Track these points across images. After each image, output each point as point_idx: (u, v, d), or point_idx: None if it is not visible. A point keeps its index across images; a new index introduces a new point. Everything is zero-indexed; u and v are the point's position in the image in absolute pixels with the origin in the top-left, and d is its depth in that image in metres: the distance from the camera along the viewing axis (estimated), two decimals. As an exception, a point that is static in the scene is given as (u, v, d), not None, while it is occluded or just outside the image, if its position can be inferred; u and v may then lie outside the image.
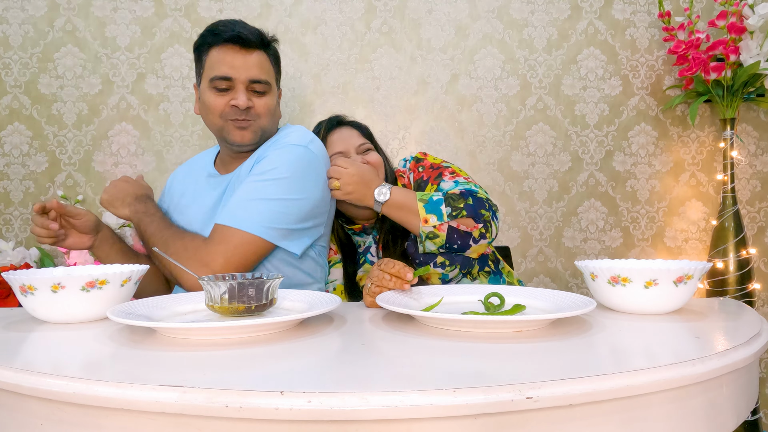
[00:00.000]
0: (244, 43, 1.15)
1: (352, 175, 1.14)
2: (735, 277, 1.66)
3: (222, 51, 1.15)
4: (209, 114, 1.18)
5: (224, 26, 1.17)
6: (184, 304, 0.87)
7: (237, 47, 1.15)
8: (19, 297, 0.81)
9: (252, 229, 1.06)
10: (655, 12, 1.81)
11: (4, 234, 1.76)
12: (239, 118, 1.16)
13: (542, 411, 0.50)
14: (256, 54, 1.17)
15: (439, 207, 1.09)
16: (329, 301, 0.83)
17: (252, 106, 1.16)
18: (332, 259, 1.32)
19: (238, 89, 1.15)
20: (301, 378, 0.54)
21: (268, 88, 1.19)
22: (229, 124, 1.16)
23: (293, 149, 1.14)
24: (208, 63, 1.17)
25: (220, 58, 1.15)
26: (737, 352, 0.62)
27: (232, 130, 1.17)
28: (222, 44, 1.15)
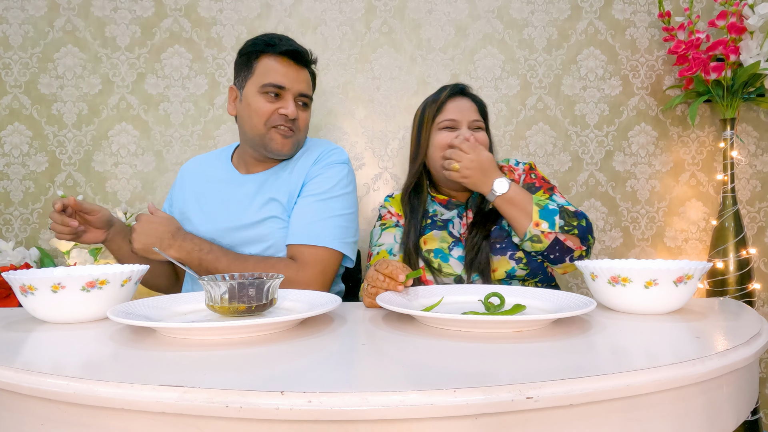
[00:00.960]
0: (299, 58, 1.23)
1: (472, 160, 1.20)
2: (735, 277, 1.66)
3: (277, 61, 1.21)
4: (254, 118, 1.22)
5: (279, 40, 1.22)
6: (184, 304, 0.87)
7: (291, 61, 1.22)
8: (19, 297, 0.81)
9: (334, 245, 1.17)
10: (655, 12, 1.81)
11: (4, 234, 1.76)
12: (286, 126, 1.21)
13: (542, 411, 0.50)
14: (305, 71, 1.25)
15: (553, 216, 1.14)
16: (329, 301, 0.83)
17: (297, 117, 1.23)
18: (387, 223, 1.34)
19: (288, 99, 1.21)
20: (301, 378, 0.54)
21: (310, 103, 1.28)
22: (273, 131, 1.22)
23: (342, 167, 1.26)
24: (259, 69, 1.21)
25: (275, 68, 1.21)
26: (737, 352, 0.62)
27: (275, 137, 1.22)
28: (278, 55, 1.21)
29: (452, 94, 1.35)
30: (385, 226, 1.34)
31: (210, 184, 1.31)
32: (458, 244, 1.25)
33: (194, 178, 1.35)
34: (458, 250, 1.24)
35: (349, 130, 1.80)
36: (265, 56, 1.22)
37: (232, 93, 1.28)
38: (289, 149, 1.24)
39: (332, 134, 1.79)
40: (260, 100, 1.21)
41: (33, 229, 1.76)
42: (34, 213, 1.76)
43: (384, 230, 1.32)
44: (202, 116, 1.78)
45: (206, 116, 1.78)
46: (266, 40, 1.22)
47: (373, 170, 1.81)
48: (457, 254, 1.23)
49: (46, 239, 1.77)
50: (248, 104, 1.22)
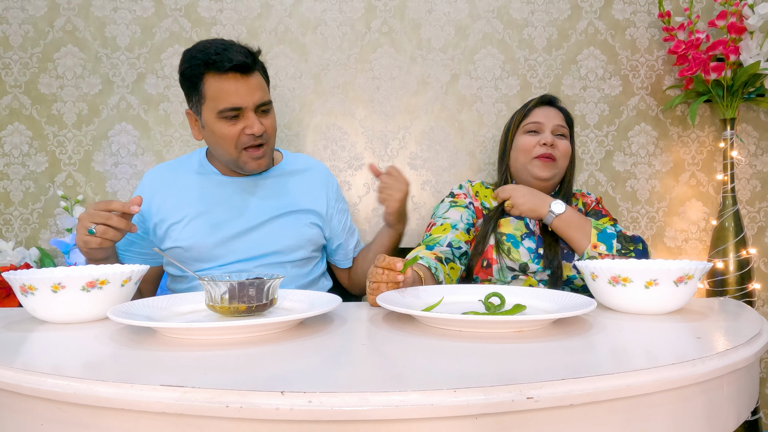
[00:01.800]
0: (244, 69, 1.15)
1: (524, 194, 1.30)
2: (735, 277, 1.66)
3: (223, 81, 1.14)
4: (224, 144, 1.19)
5: (217, 54, 1.13)
6: (184, 304, 0.87)
7: (237, 75, 1.14)
8: (19, 297, 0.81)
9: None
10: (655, 12, 1.81)
11: (4, 234, 1.76)
12: (255, 144, 1.20)
13: (542, 411, 0.50)
14: (254, 76, 1.17)
15: (611, 240, 1.21)
16: (329, 302, 0.83)
17: (264, 130, 1.20)
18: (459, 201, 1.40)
19: (250, 117, 1.17)
20: (301, 378, 0.54)
21: (271, 105, 1.24)
22: (244, 154, 1.21)
23: None
24: (209, 93, 1.15)
25: (224, 89, 1.14)
26: (737, 352, 0.62)
27: (248, 160, 1.22)
28: (223, 74, 1.13)
29: (541, 103, 1.44)
30: (455, 203, 1.39)
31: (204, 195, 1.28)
32: (530, 237, 1.30)
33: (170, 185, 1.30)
34: (529, 242, 1.29)
35: (349, 130, 1.80)
36: (209, 76, 1.14)
37: (191, 118, 1.24)
38: (265, 164, 1.26)
39: (332, 134, 1.79)
40: (222, 126, 1.16)
41: (33, 229, 1.76)
42: (34, 213, 1.76)
43: (453, 207, 1.38)
44: (202, 116, 1.78)
45: (206, 116, 1.78)
46: (205, 58, 1.13)
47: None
48: (527, 245, 1.28)
49: (46, 239, 1.77)
50: (212, 132, 1.18)
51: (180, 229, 1.25)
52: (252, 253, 1.25)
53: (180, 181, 1.31)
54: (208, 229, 1.24)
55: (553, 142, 1.37)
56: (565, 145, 1.39)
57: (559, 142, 1.38)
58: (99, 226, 1.01)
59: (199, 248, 1.24)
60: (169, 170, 1.34)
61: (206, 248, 1.24)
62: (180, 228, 1.25)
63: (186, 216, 1.25)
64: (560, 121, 1.41)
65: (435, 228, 1.32)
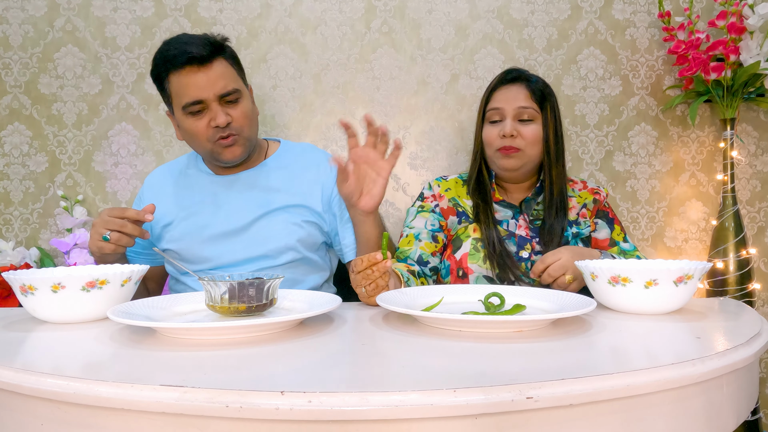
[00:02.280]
0: (200, 60, 1.12)
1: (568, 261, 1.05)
2: (735, 277, 1.66)
3: (181, 76, 1.12)
4: (195, 140, 1.18)
5: (175, 48, 1.13)
6: (184, 304, 0.87)
7: (195, 67, 1.11)
8: (19, 297, 0.81)
9: None
10: (655, 12, 1.81)
11: (4, 234, 1.76)
12: (224, 135, 1.15)
13: (542, 411, 0.50)
14: (215, 65, 1.14)
15: None
16: (329, 301, 0.83)
17: (231, 120, 1.15)
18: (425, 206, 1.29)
19: (213, 108, 1.14)
20: (301, 378, 0.54)
21: (239, 94, 1.18)
22: (217, 145, 1.17)
23: None
24: (173, 91, 1.15)
25: (184, 83, 1.12)
26: (737, 352, 0.62)
27: (221, 151, 1.18)
28: (180, 68, 1.12)
29: (501, 82, 1.26)
30: (422, 208, 1.29)
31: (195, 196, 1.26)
32: (511, 239, 1.22)
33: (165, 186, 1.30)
34: (509, 245, 1.22)
35: (349, 130, 1.80)
36: (171, 74, 1.13)
37: (171, 119, 1.25)
38: (241, 154, 1.20)
39: (332, 134, 1.79)
40: (190, 122, 1.15)
41: (33, 229, 1.76)
42: (34, 213, 1.76)
43: (420, 213, 1.28)
44: (202, 116, 1.78)
45: (206, 116, 1.78)
46: (165, 56, 1.13)
47: (373, 170, 1.81)
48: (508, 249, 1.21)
49: (46, 239, 1.77)
50: (185, 129, 1.18)
51: (171, 230, 1.24)
52: (239, 256, 1.21)
53: (175, 181, 1.30)
54: (195, 230, 1.22)
55: (514, 131, 1.20)
56: (532, 131, 1.22)
57: (524, 129, 1.22)
58: (113, 233, 1.02)
59: (189, 250, 1.22)
60: (167, 171, 1.34)
61: (195, 250, 1.22)
62: (171, 229, 1.24)
63: (177, 217, 1.25)
64: (524, 102, 1.22)
65: (402, 240, 1.27)
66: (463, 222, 1.27)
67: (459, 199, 1.30)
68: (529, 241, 1.24)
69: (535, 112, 1.23)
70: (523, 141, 1.22)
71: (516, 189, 1.32)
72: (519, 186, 1.32)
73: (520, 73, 1.27)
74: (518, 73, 1.27)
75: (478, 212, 1.25)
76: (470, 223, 1.25)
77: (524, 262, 1.21)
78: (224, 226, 1.22)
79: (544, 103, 1.24)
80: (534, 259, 1.21)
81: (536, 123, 1.23)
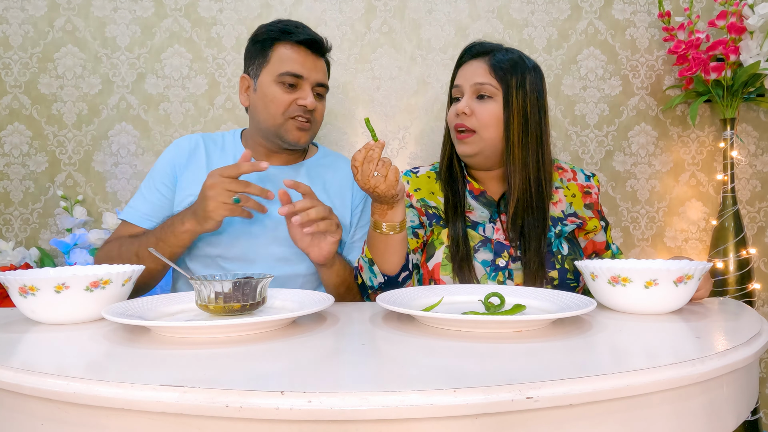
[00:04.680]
0: (316, 47, 1.19)
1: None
2: (735, 277, 1.66)
3: (294, 49, 1.18)
4: (271, 108, 1.17)
5: (295, 27, 1.19)
6: (173, 304, 0.87)
7: (308, 50, 1.19)
8: (15, 298, 0.79)
9: None
10: (655, 12, 1.81)
11: (4, 234, 1.76)
12: (304, 117, 1.18)
13: (542, 411, 0.50)
14: (322, 60, 1.22)
15: None
16: (323, 300, 0.83)
17: (315, 108, 1.19)
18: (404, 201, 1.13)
19: (306, 89, 1.18)
20: (301, 378, 0.54)
21: (326, 93, 1.25)
22: (290, 122, 1.18)
23: None
24: (275, 58, 1.18)
25: (292, 57, 1.17)
26: (737, 352, 0.62)
27: (292, 129, 1.19)
28: (294, 44, 1.17)
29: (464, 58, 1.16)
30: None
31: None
32: (487, 246, 1.09)
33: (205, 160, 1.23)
34: (485, 252, 1.09)
35: (349, 130, 1.80)
36: (280, 44, 1.18)
37: (244, 82, 1.23)
38: (306, 141, 1.21)
39: (332, 134, 1.79)
40: (277, 90, 1.17)
41: (33, 229, 1.76)
42: (34, 213, 1.76)
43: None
44: (202, 116, 1.78)
45: (206, 116, 1.78)
46: (282, 27, 1.19)
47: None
48: (482, 257, 1.08)
49: (46, 239, 1.77)
50: (264, 94, 1.18)
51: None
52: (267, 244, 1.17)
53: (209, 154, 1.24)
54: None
55: (467, 108, 1.07)
56: (488, 110, 1.07)
57: (479, 107, 1.08)
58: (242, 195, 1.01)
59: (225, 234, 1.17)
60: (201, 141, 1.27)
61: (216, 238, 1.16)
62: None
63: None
64: (483, 78, 1.08)
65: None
66: (434, 224, 1.15)
67: (429, 200, 1.17)
68: (507, 248, 1.10)
69: (493, 89, 1.08)
70: (476, 121, 1.08)
71: (489, 179, 1.18)
72: (492, 176, 1.18)
73: (483, 46, 1.13)
74: (482, 47, 1.13)
75: (447, 208, 1.14)
76: (443, 228, 1.13)
77: (501, 270, 1.08)
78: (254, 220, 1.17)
79: (507, 79, 1.08)
80: (512, 267, 1.08)
81: (495, 101, 1.08)
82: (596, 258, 1.19)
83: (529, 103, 1.08)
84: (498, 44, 1.15)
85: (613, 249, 1.23)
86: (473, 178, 1.19)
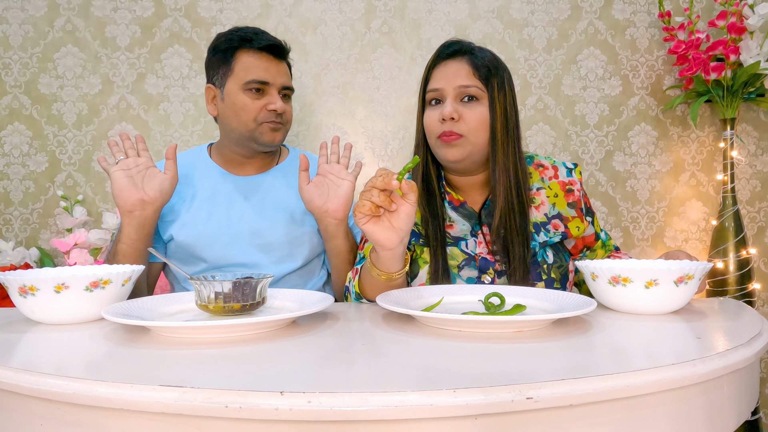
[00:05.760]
0: (276, 52, 1.23)
1: None
2: (735, 277, 1.66)
3: (256, 56, 1.21)
4: (242, 115, 1.21)
5: (254, 34, 1.22)
6: (173, 304, 0.87)
7: (270, 56, 1.22)
8: (14, 298, 0.79)
9: None
10: (655, 12, 1.81)
11: (4, 234, 1.76)
12: (275, 121, 1.22)
13: (542, 411, 0.50)
14: (283, 63, 1.25)
15: None
16: (322, 300, 0.83)
17: (285, 110, 1.23)
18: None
19: (273, 94, 1.22)
20: (301, 378, 0.54)
21: (292, 94, 1.28)
22: (264, 126, 1.22)
23: None
24: (239, 66, 1.20)
25: (256, 64, 1.20)
26: (738, 352, 0.62)
27: (266, 131, 1.22)
28: (257, 50, 1.20)
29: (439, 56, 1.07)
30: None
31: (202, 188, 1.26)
32: (471, 264, 1.05)
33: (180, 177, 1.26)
34: (469, 270, 1.04)
35: (349, 130, 1.80)
36: (242, 52, 1.21)
37: (210, 92, 1.26)
38: (280, 140, 1.26)
39: (332, 134, 1.79)
40: (245, 98, 1.20)
41: (33, 229, 1.76)
42: (34, 213, 1.76)
43: None
44: (202, 116, 1.78)
45: (206, 116, 1.78)
46: (241, 35, 1.21)
47: (373, 170, 1.81)
48: (467, 274, 1.04)
49: (46, 239, 1.76)
50: (233, 103, 1.21)
51: (178, 224, 1.23)
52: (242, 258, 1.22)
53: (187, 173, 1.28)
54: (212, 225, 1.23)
55: (455, 113, 1.02)
56: (477, 114, 1.03)
57: (467, 111, 1.03)
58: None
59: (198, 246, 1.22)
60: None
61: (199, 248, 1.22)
62: (178, 224, 1.23)
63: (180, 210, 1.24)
64: (465, 79, 1.03)
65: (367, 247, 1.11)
66: (413, 243, 1.08)
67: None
68: (492, 264, 1.05)
69: (479, 91, 1.03)
70: (465, 125, 1.03)
71: (470, 187, 1.12)
72: (472, 183, 1.12)
73: (461, 45, 1.07)
74: (459, 46, 1.06)
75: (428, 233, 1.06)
76: (423, 245, 1.07)
77: None
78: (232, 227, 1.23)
79: (491, 80, 1.04)
80: (497, 283, 1.04)
81: (482, 104, 1.04)
82: (588, 252, 1.16)
83: (508, 104, 1.05)
84: (469, 42, 1.09)
85: (602, 237, 1.17)
86: (452, 188, 1.13)
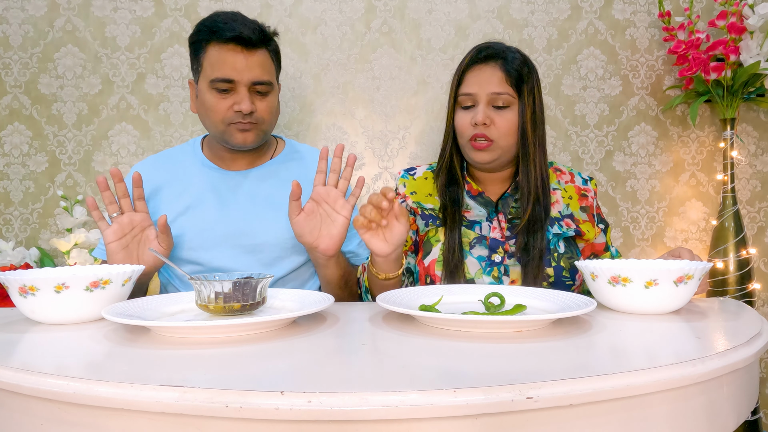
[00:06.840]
0: (246, 43, 1.10)
1: None
2: (735, 277, 1.66)
3: (222, 50, 1.10)
4: (211, 116, 1.14)
5: (224, 23, 1.11)
6: (173, 304, 0.87)
7: (239, 47, 1.10)
8: (15, 298, 0.79)
9: None
10: (655, 12, 1.81)
11: (4, 234, 1.76)
12: (243, 122, 1.12)
13: (542, 411, 0.50)
14: (258, 53, 1.12)
15: None
16: (322, 300, 0.83)
17: (255, 110, 1.13)
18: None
19: (241, 92, 1.11)
20: (301, 378, 0.54)
21: (270, 88, 1.16)
22: (231, 127, 1.14)
23: None
24: (207, 62, 1.12)
25: (221, 59, 1.10)
26: (737, 352, 0.62)
27: (234, 133, 1.14)
28: (223, 43, 1.10)
29: (473, 62, 1.12)
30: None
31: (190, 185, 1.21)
32: (482, 242, 1.10)
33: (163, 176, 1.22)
34: (480, 249, 1.10)
35: (349, 130, 1.80)
36: (210, 46, 1.11)
37: (192, 88, 1.20)
38: (253, 141, 1.16)
39: (332, 134, 1.79)
40: (212, 98, 1.12)
41: (33, 229, 1.76)
42: (34, 213, 1.76)
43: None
44: (202, 116, 1.78)
45: (206, 116, 1.78)
46: (210, 25, 1.11)
47: (373, 170, 1.81)
48: (478, 253, 1.09)
49: (46, 239, 1.76)
50: (203, 102, 1.14)
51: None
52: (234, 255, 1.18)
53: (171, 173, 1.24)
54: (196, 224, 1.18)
55: (487, 119, 1.08)
56: (507, 120, 1.09)
57: (497, 117, 1.09)
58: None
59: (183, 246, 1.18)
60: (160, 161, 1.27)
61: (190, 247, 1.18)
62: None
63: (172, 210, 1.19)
64: (497, 87, 1.08)
65: None
66: (430, 225, 1.15)
67: (425, 203, 1.17)
68: (502, 243, 1.11)
69: (510, 98, 1.09)
70: (496, 131, 1.09)
71: (492, 181, 1.19)
72: (495, 177, 1.19)
73: (495, 50, 1.11)
74: (493, 51, 1.11)
75: (445, 215, 1.13)
76: (439, 227, 1.14)
77: (496, 266, 1.09)
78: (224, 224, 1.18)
79: (522, 86, 1.10)
80: (507, 263, 1.10)
81: (512, 110, 1.10)
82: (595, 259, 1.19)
83: (537, 108, 1.12)
84: (502, 43, 1.15)
85: (612, 251, 1.23)
86: (473, 178, 1.20)
